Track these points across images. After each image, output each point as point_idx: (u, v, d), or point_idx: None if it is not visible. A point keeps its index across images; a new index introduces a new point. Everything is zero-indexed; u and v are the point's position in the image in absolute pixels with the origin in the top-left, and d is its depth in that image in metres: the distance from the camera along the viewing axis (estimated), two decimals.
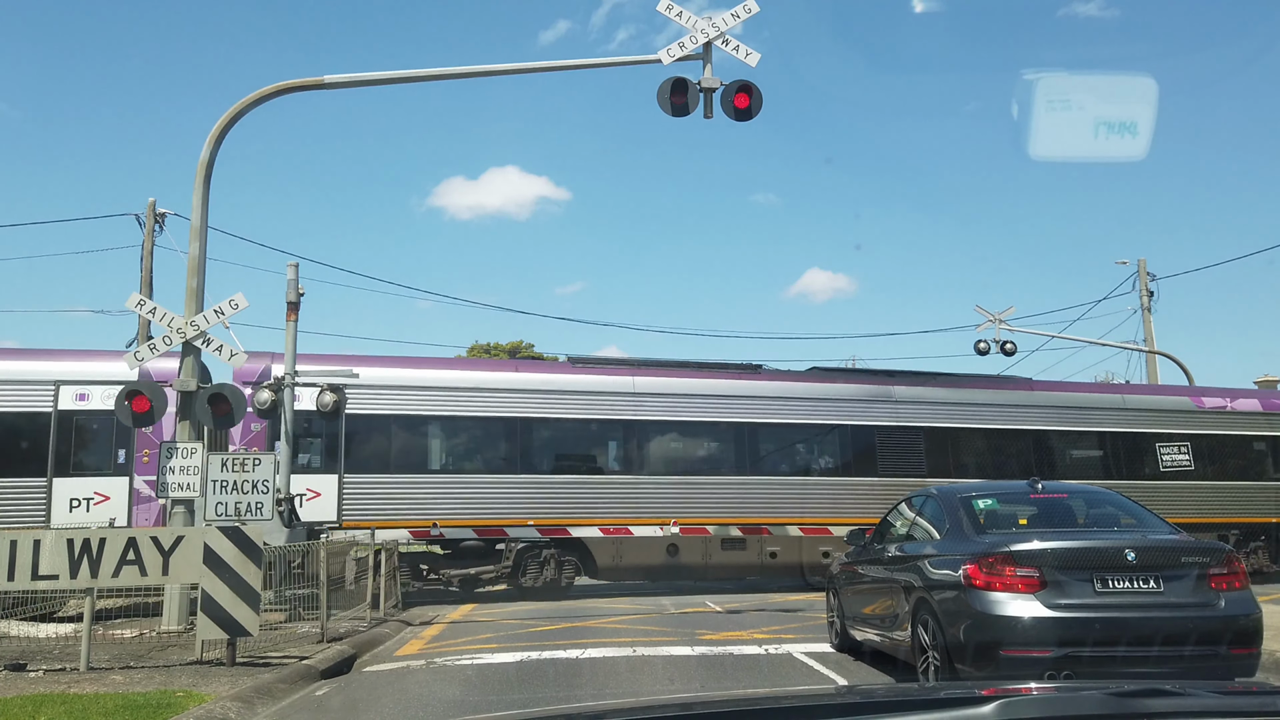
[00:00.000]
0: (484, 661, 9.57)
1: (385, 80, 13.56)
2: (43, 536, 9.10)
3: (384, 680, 8.80)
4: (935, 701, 2.35)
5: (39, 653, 9.67)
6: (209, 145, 12.15)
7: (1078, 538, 7.34)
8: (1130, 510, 7.99)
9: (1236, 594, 6.76)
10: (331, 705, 7.81)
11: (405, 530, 16.57)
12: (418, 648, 10.85)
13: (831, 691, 4.35)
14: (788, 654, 9.71)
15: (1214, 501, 20.54)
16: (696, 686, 8.20)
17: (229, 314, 11.58)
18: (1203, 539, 7.75)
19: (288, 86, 12.44)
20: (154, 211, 23.23)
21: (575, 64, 14.00)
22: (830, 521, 18.22)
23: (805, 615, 13.24)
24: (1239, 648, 6.60)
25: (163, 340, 11.70)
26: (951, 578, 7.02)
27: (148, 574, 9.11)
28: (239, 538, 9.09)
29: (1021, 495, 8.24)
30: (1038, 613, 6.52)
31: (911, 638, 7.50)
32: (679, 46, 12.30)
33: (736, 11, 12.41)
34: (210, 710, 6.97)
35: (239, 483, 10.42)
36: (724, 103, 12.31)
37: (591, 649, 10.08)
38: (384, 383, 16.89)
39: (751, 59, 12.34)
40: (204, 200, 12.12)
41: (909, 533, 8.61)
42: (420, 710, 7.38)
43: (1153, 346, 28.89)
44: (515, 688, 8.34)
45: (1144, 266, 29.60)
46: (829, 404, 19.34)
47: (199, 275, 11.97)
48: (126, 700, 7.25)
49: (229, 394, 11.68)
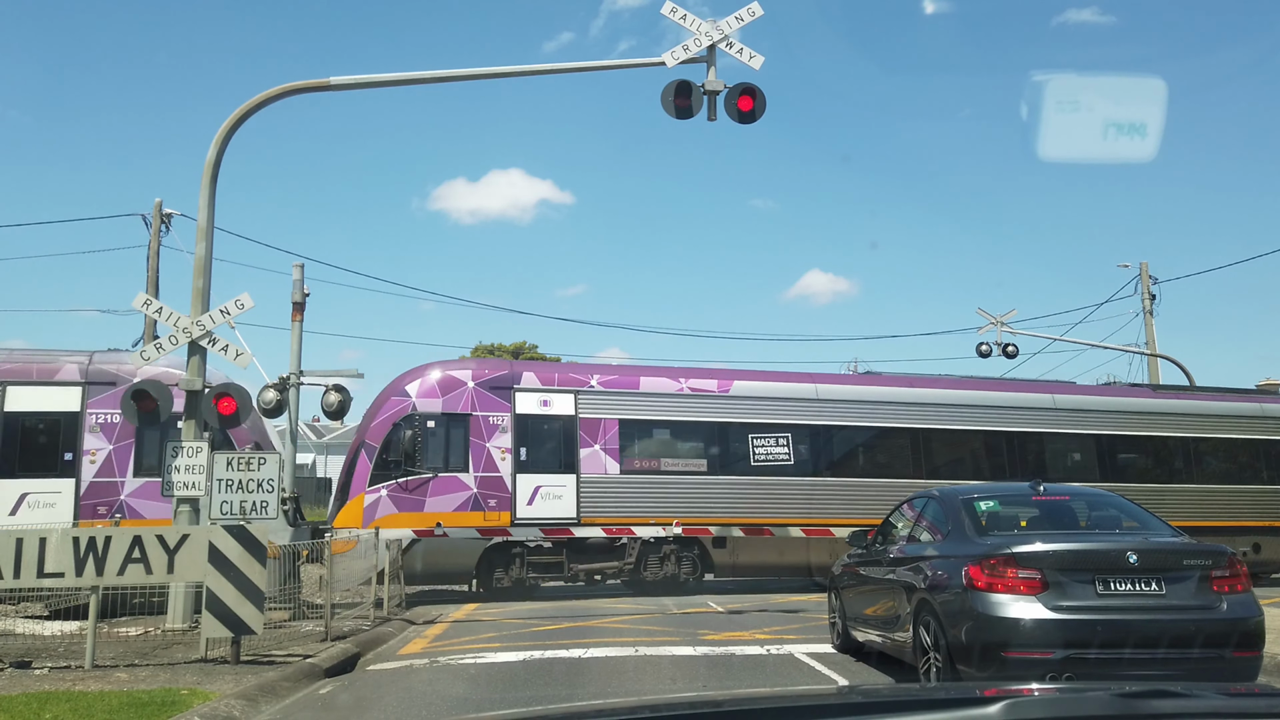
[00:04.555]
0: (487, 660, 9.59)
1: (390, 82, 13.59)
2: (49, 534, 9.14)
3: (388, 679, 8.83)
4: (938, 702, 2.37)
5: (44, 650, 9.71)
6: (215, 146, 12.19)
7: (1079, 540, 7.36)
8: (1132, 513, 8.00)
9: (1238, 596, 6.77)
10: (336, 703, 7.84)
11: (643, 527, 17.48)
12: (421, 646, 10.88)
13: (833, 692, 4.36)
14: (790, 654, 9.72)
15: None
16: (699, 686, 8.22)
17: (235, 314, 11.61)
18: (1205, 542, 7.67)
19: (293, 88, 12.48)
20: (160, 212, 23.28)
21: (580, 66, 14.03)
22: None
23: (807, 616, 13.25)
24: (1241, 650, 6.61)
25: (169, 340, 11.74)
26: (953, 579, 7.04)
27: (153, 572, 9.14)
28: (244, 536, 9.12)
29: (1023, 497, 8.26)
30: (1039, 614, 6.53)
31: (913, 639, 7.52)
32: (683, 49, 12.32)
33: (740, 15, 12.44)
34: (215, 708, 7.00)
35: (244, 481, 10.45)
36: (728, 105, 12.34)
37: (594, 648, 10.10)
38: (611, 390, 18.35)
39: (755, 62, 12.36)
40: (210, 200, 12.15)
41: (911, 534, 8.63)
42: (424, 709, 7.40)
43: (1154, 350, 28.86)
44: (518, 686, 8.36)
45: (1146, 270, 29.59)
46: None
47: (205, 275, 12.00)
48: (131, 698, 7.28)
49: (234, 393, 11.72)
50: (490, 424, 17.05)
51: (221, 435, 14.07)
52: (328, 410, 14.70)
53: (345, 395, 14.74)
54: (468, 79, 13.35)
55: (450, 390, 17.19)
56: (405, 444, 16.50)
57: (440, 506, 16.54)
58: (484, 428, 17.02)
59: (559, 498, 17.17)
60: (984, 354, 27.07)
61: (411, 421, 16.72)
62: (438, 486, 16.60)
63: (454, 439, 16.83)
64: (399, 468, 16.49)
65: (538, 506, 17.01)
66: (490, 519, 16.66)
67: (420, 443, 16.64)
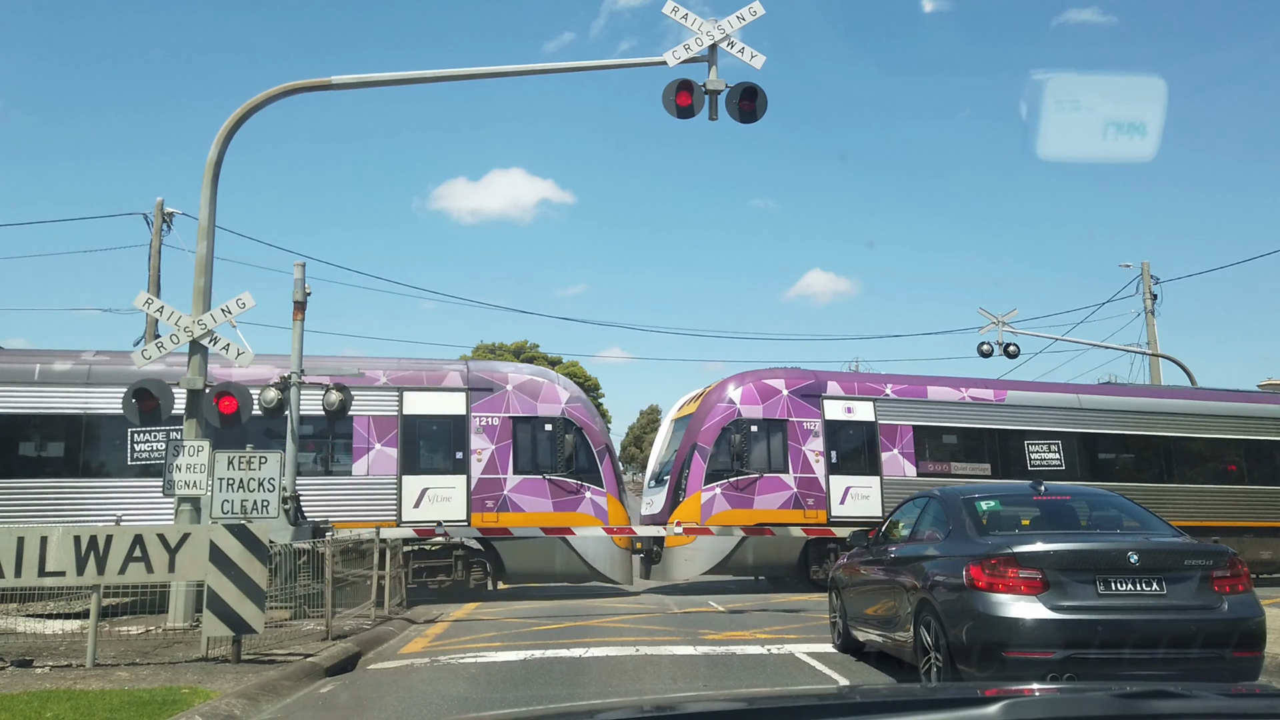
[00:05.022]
0: (488, 660, 9.59)
1: (391, 81, 13.60)
2: (50, 533, 9.14)
3: (388, 678, 8.83)
4: (939, 702, 2.37)
5: (45, 649, 9.71)
6: (217, 145, 12.19)
7: (1080, 540, 7.35)
8: (1133, 513, 7.99)
9: (1240, 597, 6.76)
10: (336, 702, 7.84)
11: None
12: (422, 646, 10.88)
13: (834, 691, 4.37)
14: (790, 654, 9.72)
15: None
16: (699, 686, 8.22)
17: (236, 313, 11.62)
18: (1205, 542, 7.67)
19: (295, 87, 12.49)
20: (162, 211, 23.31)
21: (581, 65, 14.04)
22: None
23: (807, 615, 13.26)
24: (1242, 650, 6.60)
25: (170, 339, 11.74)
26: (954, 579, 7.04)
27: (154, 571, 9.14)
28: (245, 535, 9.12)
29: (1024, 497, 8.25)
30: (1040, 614, 6.53)
31: (914, 638, 7.51)
32: (684, 49, 12.32)
33: (742, 14, 12.44)
34: (215, 707, 7.00)
35: (245, 481, 10.45)
36: (729, 105, 12.34)
37: (595, 648, 10.10)
38: (904, 398, 19.91)
39: (757, 61, 12.36)
40: (211, 199, 12.16)
41: (911, 534, 8.62)
42: (424, 708, 7.40)
43: (1156, 350, 28.84)
44: (519, 686, 8.36)
45: (1148, 270, 29.58)
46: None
47: (206, 274, 12.00)
48: (132, 696, 7.28)
49: (235, 392, 11.72)
50: (804, 429, 18.76)
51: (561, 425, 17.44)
52: (329, 409, 14.69)
53: (346, 394, 14.74)
54: (468, 78, 13.36)
55: (769, 397, 18.87)
56: (735, 447, 18.25)
57: (766, 504, 18.21)
58: (799, 433, 18.75)
59: (866, 498, 18.74)
60: (985, 354, 27.12)
61: (738, 426, 18.44)
62: (763, 486, 18.30)
63: (774, 443, 18.57)
64: (729, 468, 18.22)
65: (848, 506, 18.62)
66: (810, 517, 18.24)
67: (746, 446, 18.35)
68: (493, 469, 17.01)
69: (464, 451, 17.02)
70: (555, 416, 17.58)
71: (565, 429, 17.53)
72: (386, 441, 16.80)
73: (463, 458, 17.01)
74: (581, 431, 17.72)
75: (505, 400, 17.52)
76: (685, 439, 18.94)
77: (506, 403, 17.50)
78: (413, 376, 17.34)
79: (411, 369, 17.55)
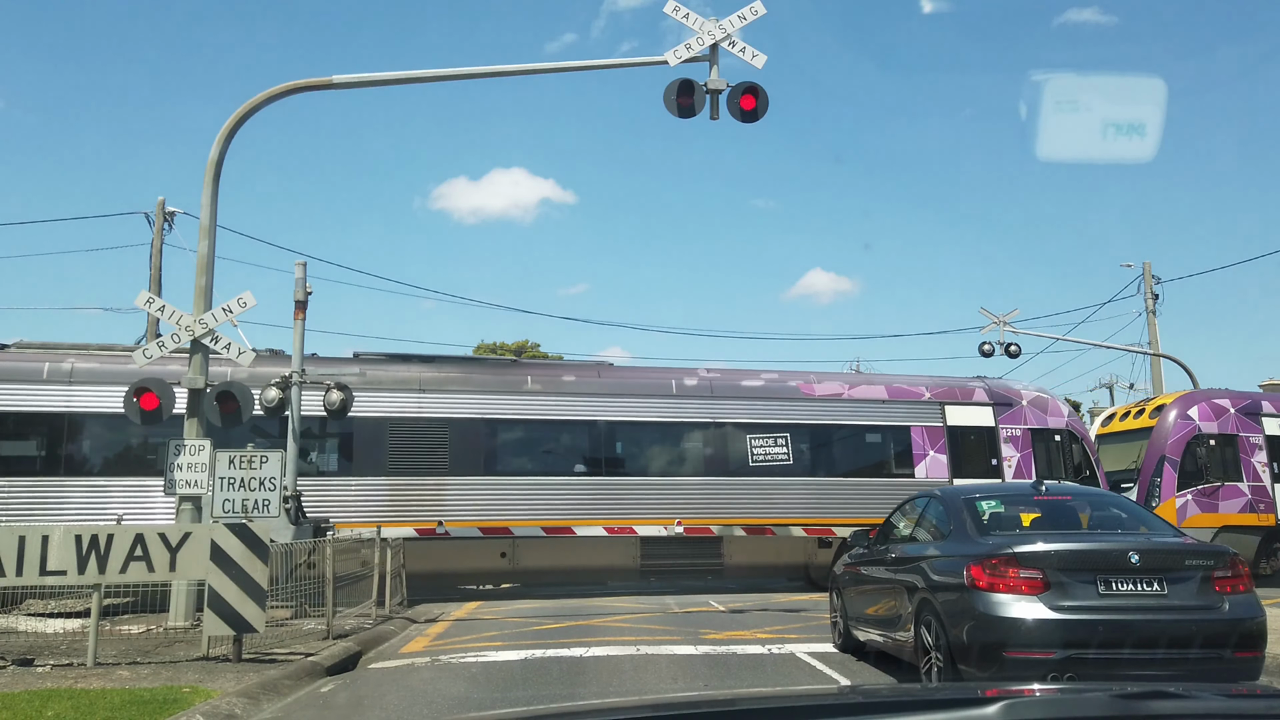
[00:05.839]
0: (489, 659, 9.60)
1: (393, 81, 13.60)
2: (51, 532, 9.15)
3: (389, 677, 8.84)
4: (939, 702, 2.37)
5: (47, 648, 9.72)
6: (218, 144, 12.20)
7: (1081, 540, 7.35)
8: (1134, 513, 7.99)
9: (1240, 597, 6.76)
10: (337, 702, 7.85)
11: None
12: (423, 645, 10.89)
13: (835, 691, 4.37)
14: (791, 654, 9.72)
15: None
16: (700, 686, 8.22)
17: (237, 312, 11.62)
18: (1206, 543, 7.69)
19: (296, 86, 12.49)
20: (163, 210, 23.34)
21: (582, 65, 14.05)
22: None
23: (808, 615, 13.25)
24: (1243, 651, 6.60)
25: (171, 338, 11.75)
26: (955, 579, 7.04)
27: (155, 570, 9.15)
28: (246, 535, 9.13)
29: (1025, 497, 8.25)
30: (1041, 614, 6.52)
31: (914, 638, 7.52)
32: (685, 48, 12.32)
33: (743, 13, 12.43)
34: (216, 706, 7.00)
35: (246, 480, 10.46)
36: (730, 104, 12.33)
37: (596, 648, 10.11)
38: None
39: (758, 61, 12.35)
40: (213, 198, 12.17)
41: (912, 534, 8.62)
42: (425, 707, 7.41)
43: (1157, 350, 28.84)
44: (520, 685, 8.36)
45: (1149, 270, 29.57)
46: None
47: (208, 273, 12.01)
48: (133, 695, 7.29)
49: (237, 392, 11.72)
50: (1250, 443, 20.84)
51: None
52: (330, 409, 14.66)
53: (348, 394, 14.73)
54: (470, 78, 13.36)
55: (1219, 415, 20.88)
56: (1199, 459, 20.38)
57: (1227, 509, 20.31)
58: (1246, 446, 20.82)
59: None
60: (986, 353, 27.11)
61: (1199, 441, 20.54)
62: (1225, 494, 20.39)
63: (1228, 455, 20.73)
64: (1195, 477, 20.27)
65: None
66: (1263, 520, 20.40)
67: (1206, 458, 20.44)
68: (1018, 475, 19.23)
69: (997, 459, 19.33)
70: (1062, 429, 20.04)
71: (1071, 440, 19.99)
72: (938, 449, 19.34)
73: (996, 464, 19.30)
74: (1083, 443, 20.15)
75: (1023, 414, 19.93)
76: (1150, 452, 20.89)
77: (1024, 416, 19.91)
78: (948, 392, 19.86)
79: (945, 385, 20.13)
